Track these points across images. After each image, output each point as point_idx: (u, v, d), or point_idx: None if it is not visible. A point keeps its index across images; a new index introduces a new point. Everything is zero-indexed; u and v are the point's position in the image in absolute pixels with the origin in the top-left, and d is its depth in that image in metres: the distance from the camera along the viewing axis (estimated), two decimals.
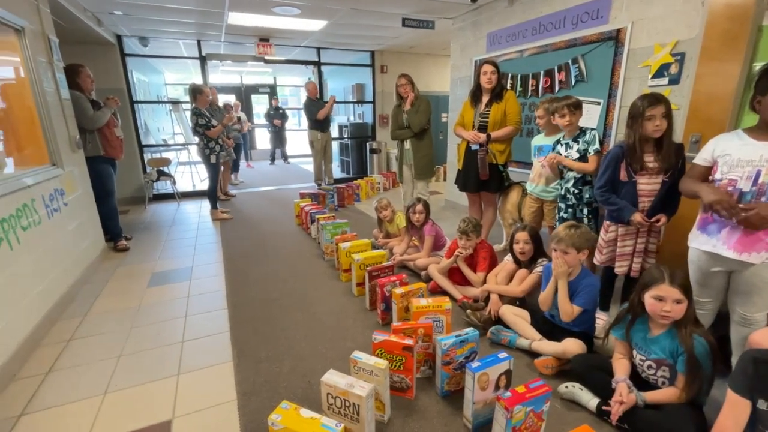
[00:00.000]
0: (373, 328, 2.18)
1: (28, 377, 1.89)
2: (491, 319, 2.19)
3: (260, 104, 11.50)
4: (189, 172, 7.23)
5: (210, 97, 4.67)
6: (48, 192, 2.57)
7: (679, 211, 1.95)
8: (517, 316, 2.09)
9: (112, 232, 3.66)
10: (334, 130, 7.37)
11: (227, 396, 1.73)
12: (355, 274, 2.62)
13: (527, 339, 1.98)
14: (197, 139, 4.43)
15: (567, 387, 1.66)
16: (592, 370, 1.65)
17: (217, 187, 4.77)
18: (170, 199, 5.77)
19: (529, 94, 3.74)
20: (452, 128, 3.51)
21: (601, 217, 2.29)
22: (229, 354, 2.04)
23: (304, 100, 5.94)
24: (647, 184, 1.91)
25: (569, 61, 3.28)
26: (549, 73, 3.49)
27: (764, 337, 1.37)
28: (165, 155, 6.63)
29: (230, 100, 7.97)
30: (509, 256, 2.45)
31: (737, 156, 1.49)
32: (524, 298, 2.29)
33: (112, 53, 5.15)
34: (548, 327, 2.00)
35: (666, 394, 1.43)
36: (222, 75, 10.03)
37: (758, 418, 1.13)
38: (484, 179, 3.10)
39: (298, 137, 11.05)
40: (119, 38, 5.22)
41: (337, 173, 7.61)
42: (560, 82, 3.40)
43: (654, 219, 1.92)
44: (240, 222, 4.57)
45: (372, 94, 7.09)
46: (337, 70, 8.57)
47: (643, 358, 1.51)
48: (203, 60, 5.89)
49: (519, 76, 3.82)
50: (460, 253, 2.53)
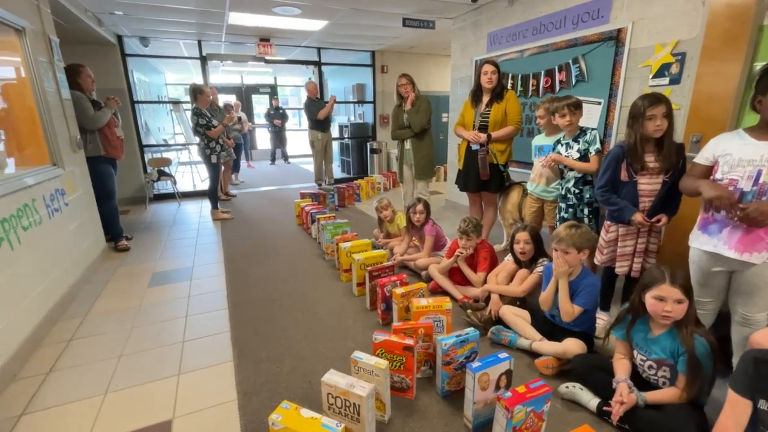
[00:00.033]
0: (374, 328, 2.18)
1: (28, 377, 1.89)
2: (492, 319, 2.19)
3: (261, 104, 11.51)
4: (189, 172, 7.23)
5: (210, 97, 4.67)
6: (49, 192, 2.57)
7: (679, 211, 1.95)
8: (518, 317, 2.09)
9: (113, 232, 3.67)
10: (335, 130, 7.37)
11: (228, 396, 1.73)
12: (355, 274, 2.62)
13: (528, 339, 1.98)
14: (198, 139, 4.44)
15: (567, 387, 1.66)
16: (592, 370, 1.64)
17: (218, 187, 4.77)
18: (171, 199, 5.78)
19: (530, 94, 3.74)
20: (453, 128, 3.51)
21: (602, 217, 2.29)
22: (229, 354, 2.04)
23: (304, 100, 5.94)
24: (648, 184, 1.91)
25: (570, 61, 3.27)
26: (549, 73, 3.49)
27: (765, 338, 1.36)
28: (165, 155, 6.63)
29: (231, 100, 7.97)
30: (510, 256, 2.45)
31: (738, 156, 1.49)
32: (525, 299, 2.29)
33: (112, 53, 5.15)
34: (548, 327, 2.00)
35: (667, 395, 1.43)
36: (222, 75, 10.04)
37: (759, 418, 1.13)
38: (485, 179, 3.10)
39: (298, 137, 11.06)
40: (120, 38, 5.23)
41: (338, 173, 7.61)
42: (561, 82, 3.40)
43: (655, 219, 1.92)
44: (240, 222, 4.58)
45: (372, 94, 7.09)
46: (338, 70, 8.57)
47: (644, 358, 1.51)
48: (204, 60, 5.89)
49: (519, 75, 3.82)
50: (461, 253, 2.53)
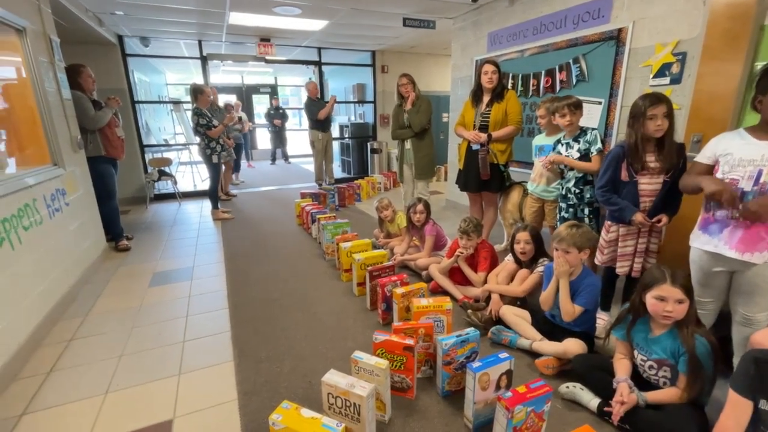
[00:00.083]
0: (374, 328, 2.18)
1: (29, 377, 1.89)
2: (492, 319, 2.19)
3: (261, 104, 11.51)
4: (190, 172, 7.24)
5: (211, 97, 4.67)
6: (49, 192, 2.57)
7: (680, 211, 1.95)
8: (518, 317, 2.09)
9: (114, 232, 3.67)
10: (335, 130, 7.37)
11: (228, 396, 1.73)
12: (355, 273, 2.62)
13: (528, 339, 1.98)
14: (198, 139, 4.44)
15: (568, 387, 1.66)
16: (593, 370, 1.64)
17: (218, 187, 4.77)
18: (171, 199, 5.78)
19: (530, 93, 3.74)
20: (453, 128, 3.51)
21: (603, 216, 2.29)
22: (229, 354, 2.04)
23: (304, 100, 5.95)
24: (648, 184, 1.91)
25: (570, 61, 3.27)
26: (550, 73, 3.49)
27: (766, 338, 1.36)
28: (166, 155, 6.63)
29: (231, 100, 7.97)
30: (510, 256, 2.44)
31: (739, 155, 1.49)
32: (525, 299, 2.29)
33: (113, 53, 5.16)
34: (549, 327, 2.00)
35: (667, 395, 1.42)
36: (223, 75, 10.05)
37: (760, 418, 1.13)
38: (485, 179, 3.10)
39: (298, 137, 11.07)
40: (120, 38, 5.23)
41: (338, 173, 7.61)
42: (561, 81, 3.40)
43: (655, 219, 1.92)
44: (241, 222, 4.58)
45: (373, 94, 7.09)
46: (338, 70, 8.57)
47: (645, 358, 1.51)
48: (204, 60, 5.90)
49: (520, 75, 3.81)
50: (461, 253, 2.53)
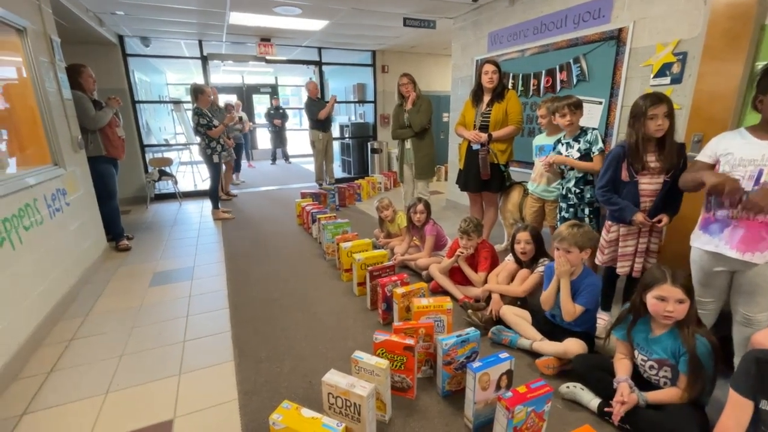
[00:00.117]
0: (374, 327, 2.18)
1: (30, 377, 1.89)
2: (492, 319, 2.19)
3: (262, 104, 11.52)
4: (190, 172, 7.24)
5: (211, 97, 4.67)
6: (50, 192, 2.57)
7: (681, 211, 1.94)
8: (518, 317, 2.09)
9: (114, 231, 3.67)
10: (336, 130, 7.37)
11: (228, 396, 1.73)
12: (356, 273, 2.62)
13: (528, 339, 1.98)
14: (199, 138, 4.44)
15: (568, 387, 1.66)
16: (593, 370, 1.64)
17: (219, 187, 4.77)
18: (172, 199, 5.78)
19: (531, 93, 3.73)
20: (453, 128, 3.51)
21: (603, 216, 2.29)
22: (230, 354, 2.04)
23: (305, 100, 5.95)
24: (649, 184, 1.91)
25: (571, 61, 3.27)
26: (550, 73, 3.48)
27: (767, 338, 1.36)
28: (166, 155, 6.63)
29: (231, 99, 7.98)
30: (510, 256, 2.44)
31: (739, 155, 1.48)
32: (525, 299, 2.28)
33: (113, 53, 5.16)
34: (549, 327, 2.00)
35: (668, 395, 1.42)
36: (223, 75, 10.05)
37: (760, 418, 1.12)
38: (486, 179, 3.10)
39: (299, 137, 11.07)
40: (121, 38, 5.23)
41: (339, 173, 7.62)
42: (562, 81, 3.39)
43: (656, 219, 1.92)
44: (241, 222, 4.58)
45: (373, 94, 7.08)
46: (339, 70, 8.57)
47: (645, 358, 1.51)
48: (205, 60, 5.90)
49: (520, 75, 3.81)
50: (461, 253, 2.53)
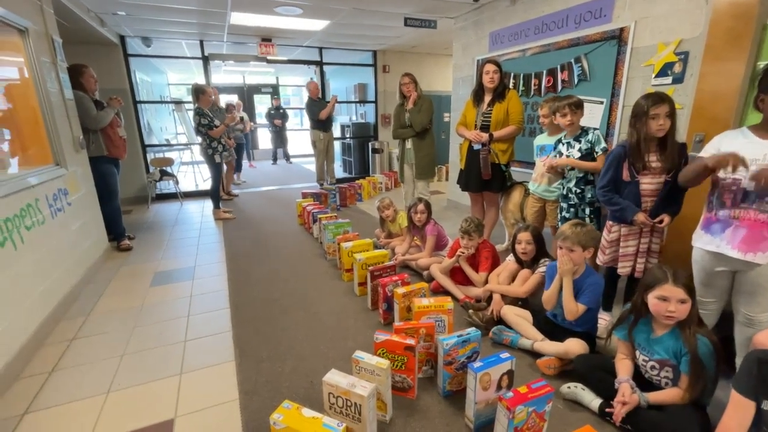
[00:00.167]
0: (375, 327, 2.18)
1: (31, 376, 1.90)
2: (493, 319, 2.19)
3: (263, 104, 11.53)
4: (192, 172, 7.25)
5: (212, 97, 4.68)
6: (52, 192, 2.58)
7: (682, 211, 1.94)
8: (519, 317, 2.09)
9: (116, 231, 3.68)
10: (336, 130, 7.38)
11: (229, 395, 1.73)
12: (356, 273, 2.62)
13: (529, 339, 1.98)
14: (200, 138, 4.45)
15: (569, 387, 1.66)
16: (594, 371, 1.64)
17: (220, 187, 4.78)
18: (173, 199, 5.80)
19: (532, 93, 3.73)
20: (454, 128, 3.51)
21: (604, 216, 2.28)
22: (231, 353, 2.04)
23: (306, 100, 5.95)
24: (650, 184, 1.91)
25: (572, 60, 3.26)
26: (552, 73, 3.48)
27: None
28: (168, 155, 6.65)
29: (233, 99, 7.99)
30: (511, 256, 2.44)
31: (741, 154, 1.47)
32: (526, 299, 2.28)
33: (115, 53, 5.17)
34: (550, 327, 1.99)
35: (669, 395, 1.42)
36: (224, 75, 10.07)
37: (762, 419, 1.12)
38: (487, 179, 3.10)
39: (299, 137, 11.08)
40: (122, 38, 5.24)
41: (339, 173, 7.62)
42: (563, 81, 3.39)
43: (657, 219, 1.91)
44: (242, 222, 4.58)
45: (374, 94, 7.08)
46: (340, 70, 8.57)
47: (646, 358, 1.50)
48: (206, 60, 5.91)
49: (521, 75, 3.81)
50: (462, 253, 2.53)
